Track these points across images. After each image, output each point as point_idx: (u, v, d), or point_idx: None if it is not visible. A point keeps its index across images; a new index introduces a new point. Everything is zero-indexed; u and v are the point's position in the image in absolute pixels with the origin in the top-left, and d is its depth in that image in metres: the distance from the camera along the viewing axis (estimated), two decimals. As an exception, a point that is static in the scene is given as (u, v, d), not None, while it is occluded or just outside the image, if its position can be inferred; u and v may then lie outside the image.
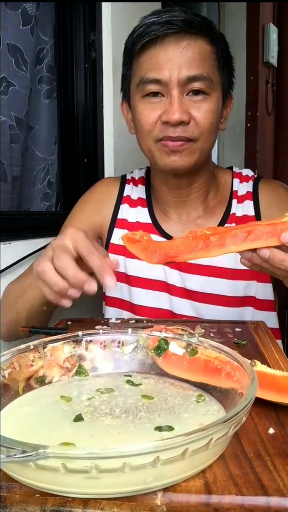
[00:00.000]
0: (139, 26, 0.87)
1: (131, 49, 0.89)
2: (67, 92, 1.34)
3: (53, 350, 0.56)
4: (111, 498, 0.36)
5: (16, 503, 0.36)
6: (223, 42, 0.91)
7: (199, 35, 0.86)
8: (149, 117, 0.87)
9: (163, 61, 0.84)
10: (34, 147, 1.30)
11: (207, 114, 0.86)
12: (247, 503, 0.36)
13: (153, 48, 0.85)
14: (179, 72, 0.83)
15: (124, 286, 1.01)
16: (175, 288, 0.96)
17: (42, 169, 1.33)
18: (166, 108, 0.85)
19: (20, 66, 1.18)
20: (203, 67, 0.85)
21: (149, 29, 0.85)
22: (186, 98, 0.85)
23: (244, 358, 0.48)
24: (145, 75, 0.86)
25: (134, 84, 0.89)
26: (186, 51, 0.84)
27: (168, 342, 0.57)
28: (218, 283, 0.95)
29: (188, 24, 0.84)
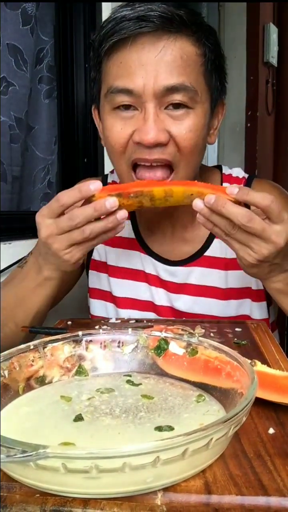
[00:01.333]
0: (108, 21, 0.72)
1: (98, 49, 0.74)
2: (67, 92, 1.34)
3: (53, 350, 0.56)
4: (111, 498, 0.36)
5: (16, 503, 0.36)
6: (212, 40, 0.75)
7: (181, 34, 0.71)
8: (119, 136, 0.73)
9: (135, 66, 0.70)
10: (34, 147, 1.30)
11: (190, 133, 0.72)
12: (247, 503, 0.36)
13: (123, 49, 0.71)
14: (155, 81, 0.69)
15: (109, 305, 0.96)
16: (162, 308, 0.92)
17: (42, 169, 1.33)
18: (139, 125, 0.71)
19: (20, 66, 1.18)
20: (186, 74, 0.71)
21: (119, 26, 0.69)
22: (164, 112, 0.72)
23: (244, 358, 0.48)
24: (113, 83, 0.72)
25: (103, 92, 0.76)
26: (164, 55, 0.69)
27: (168, 342, 0.57)
28: (207, 303, 0.90)
29: (168, 21, 0.69)
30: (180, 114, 0.72)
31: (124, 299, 0.95)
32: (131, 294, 0.94)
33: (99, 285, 0.98)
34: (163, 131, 0.71)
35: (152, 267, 0.93)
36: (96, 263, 0.97)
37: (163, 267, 0.91)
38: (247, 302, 0.90)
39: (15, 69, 1.17)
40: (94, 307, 0.99)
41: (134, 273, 0.94)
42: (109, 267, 0.95)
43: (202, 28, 0.74)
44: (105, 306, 0.97)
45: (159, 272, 0.92)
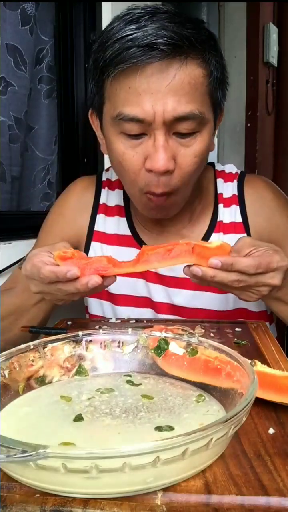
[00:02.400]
0: (113, 40, 0.69)
1: (103, 70, 0.72)
2: (67, 92, 1.34)
3: (53, 350, 0.56)
4: (111, 498, 0.36)
5: (16, 503, 0.36)
6: (217, 55, 0.75)
7: (189, 57, 0.70)
8: (132, 163, 0.74)
9: (144, 93, 0.69)
10: (34, 147, 1.30)
11: (195, 159, 0.75)
12: (247, 503, 0.36)
13: (131, 76, 0.69)
14: (165, 110, 0.69)
15: (106, 303, 0.96)
16: (160, 305, 0.92)
17: (42, 169, 1.33)
18: (149, 152, 0.72)
19: (19, 66, 1.18)
20: (194, 101, 0.71)
21: (127, 54, 0.67)
22: (173, 138, 0.72)
23: (244, 358, 0.48)
24: (122, 110, 0.71)
25: (109, 112, 0.75)
26: (174, 83, 0.69)
27: (168, 342, 0.57)
28: (206, 297, 0.90)
29: (177, 47, 0.68)
30: (188, 140, 0.73)
31: (121, 296, 0.95)
32: (128, 291, 0.94)
33: None
34: (171, 159, 0.72)
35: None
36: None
37: None
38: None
39: (14, 69, 1.17)
40: (90, 306, 0.99)
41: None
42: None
43: (207, 44, 0.73)
44: (101, 305, 0.97)
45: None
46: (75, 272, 0.62)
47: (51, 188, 1.37)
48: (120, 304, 0.95)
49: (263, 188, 0.93)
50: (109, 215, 0.96)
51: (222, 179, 0.94)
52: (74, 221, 0.96)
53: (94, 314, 0.99)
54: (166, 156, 0.71)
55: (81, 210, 0.97)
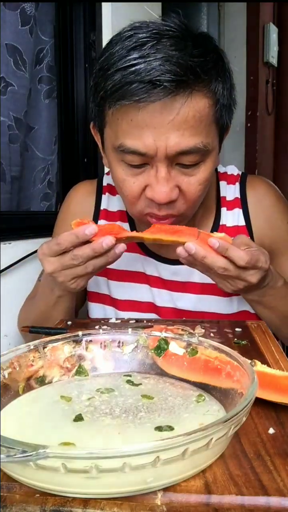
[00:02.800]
0: (115, 69, 0.65)
1: (103, 97, 0.70)
2: (67, 92, 1.34)
3: (53, 350, 0.56)
4: (111, 498, 0.36)
5: (16, 503, 0.36)
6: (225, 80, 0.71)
7: (195, 90, 0.66)
8: (132, 189, 0.73)
9: (147, 127, 0.67)
10: (34, 147, 1.30)
11: (199, 186, 0.73)
12: (247, 503, 0.36)
13: (134, 110, 0.66)
14: (167, 145, 0.67)
15: (108, 308, 0.97)
16: (164, 309, 0.92)
17: (42, 169, 1.33)
18: (151, 181, 0.71)
19: (19, 66, 1.18)
20: (198, 134, 0.69)
21: (128, 88, 0.64)
22: (175, 168, 0.71)
23: (244, 358, 0.48)
24: (124, 142, 0.69)
25: (110, 137, 0.73)
26: (178, 118, 0.66)
27: (168, 342, 0.57)
28: (210, 300, 0.91)
29: (182, 83, 0.64)
30: (191, 170, 0.72)
31: (124, 302, 0.95)
32: (132, 297, 0.94)
33: (97, 289, 0.98)
34: (174, 189, 0.72)
35: (154, 268, 0.93)
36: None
37: (165, 267, 0.92)
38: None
39: (14, 69, 1.17)
40: (92, 311, 1.00)
41: (134, 275, 0.94)
42: (108, 270, 0.95)
43: (215, 71, 0.69)
44: (104, 309, 0.97)
45: (161, 273, 0.92)
46: (93, 228, 0.66)
47: (51, 188, 1.37)
48: (123, 310, 0.95)
49: (264, 190, 0.93)
50: (110, 220, 0.96)
51: (225, 182, 0.94)
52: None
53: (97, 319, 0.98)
54: (168, 188, 0.70)
55: (82, 216, 0.96)
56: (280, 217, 0.92)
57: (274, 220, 0.91)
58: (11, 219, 1.16)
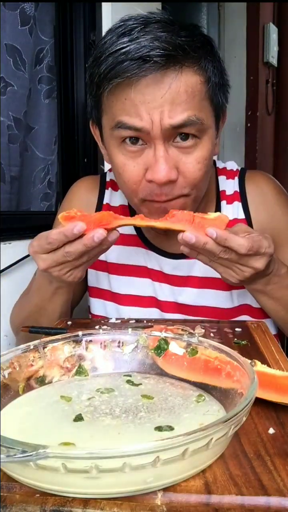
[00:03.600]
0: (107, 55, 0.68)
1: (98, 85, 0.72)
2: (67, 92, 1.34)
3: (53, 350, 0.56)
4: (111, 498, 0.36)
5: (16, 503, 0.36)
6: (214, 60, 0.74)
7: (184, 66, 0.69)
8: (133, 174, 0.74)
9: (140, 104, 0.69)
10: (34, 147, 1.30)
11: (199, 165, 0.74)
12: (247, 503, 0.36)
13: (127, 88, 0.69)
14: (162, 118, 0.69)
15: (109, 303, 0.97)
16: (166, 304, 0.92)
17: (42, 169, 1.33)
18: (150, 162, 0.72)
19: (19, 66, 1.18)
20: (191, 108, 0.70)
21: (120, 68, 0.67)
22: (173, 146, 0.72)
23: (244, 358, 0.48)
24: (120, 119, 0.71)
25: (107, 124, 0.75)
26: (169, 93, 0.68)
27: (168, 342, 0.57)
28: (210, 295, 0.91)
29: (172, 58, 0.67)
30: (188, 145, 0.73)
31: (126, 296, 0.95)
32: (134, 291, 0.94)
33: (97, 284, 0.98)
34: (173, 169, 0.72)
35: (156, 262, 0.93)
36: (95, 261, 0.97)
37: (167, 261, 0.92)
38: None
39: (13, 69, 1.17)
40: (93, 306, 0.99)
41: (136, 269, 0.94)
42: (109, 264, 0.95)
43: (203, 51, 0.72)
44: (104, 305, 0.97)
45: (163, 267, 0.92)
46: (81, 226, 0.64)
47: (51, 188, 1.37)
48: (125, 304, 0.95)
49: (264, 183, 0.94)
50: None
51: (224, 176, 0.95)
52: None
53: (97, 315, 0.99)
54: (167, 167, 0.71)
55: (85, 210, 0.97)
56: (281, 208, 0.92)
57: (274, 212, 0.92)
58: (11, 219, 1.16)
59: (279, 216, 0.92)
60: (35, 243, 0.70)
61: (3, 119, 1.16)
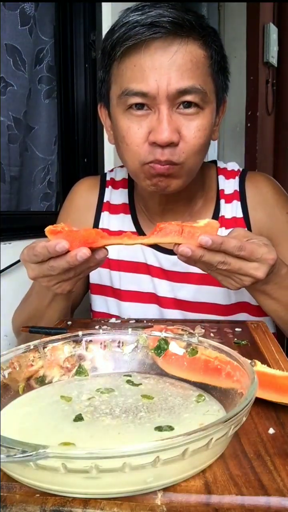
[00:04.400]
0: (120, 25, 0.75)
1: (110, 53, 0.77)
2: (67, 92, 1.34)
3: (53, 350, 0.56)
4: (111, 498, 0.36)
5: (16, 503, 0.36)
6: (217, 42, 0.80)
7: (190, 38, 0.75)
8: (136, 136, 0.77)
9: (149, 69, 0.74)
10: (34, 147, 1.30)
11: (199, 132, 0.77)
12: (247, 503, 0.36)
13: (137, 54, 0.74)
14: (168, 83, 0.73)
15: (110, 299, 0.97)
16: (165, 300, 0.93)
17: (42, 169, 1.33)
18: (153, 125, 0.75)
19: (18, 66, 1.18)
20: (196, 77, 0.75)
21: (132, 31, 0.73)
22: (176, 112, 0.76)
23: (244, 358, 0.48)
24: (128, 86, 0.75)
25: (115, 93, 0.79)
26: (176, 59, 0.73)
27: (168, 342, 0.57)
28: (209, 291, 0.91)
29: (179, 26, 0.73)
30: (190, 113, 0.76)
31: (127, 292, 0.95)
32: (134, 287, 0.95)
33: (99, 281, 0.99)
34: (175, 132, 0.75)
35: (155, 259, 0.93)
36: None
37: (166, 257, 0.92)
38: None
39: (13, 69, 1.17)
40: (94, 303, 1.00)
41: (136, 265, 0.95)
42: (111, 261, 0.96)
43: (208, 31, 0.77)
44: (106, 301, 0.98)
45: (162, 263, 0.93)
46: (63, 245, 0.64)
47: (51, 188, 1.37)
48: (125, 300, 0.96)
49: (264, 184, 0.95)
50: (113, 212, 0.98)
51: (223, 176, 0.96)
52: (79, 220, 0.98)
53: (98, 311, 0.99)
54: (169, 128, 0.74)
55: (86, 209, 0.99)
56: (279, 208, 0.93)
57: (272, 211, 0.93)
58: (11, 219, 1.16)
59: (277, 215, 0.93)
60: (25, 251, 0.70)
61: (3, 119, 1.16)
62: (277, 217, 0.93)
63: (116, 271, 0.96)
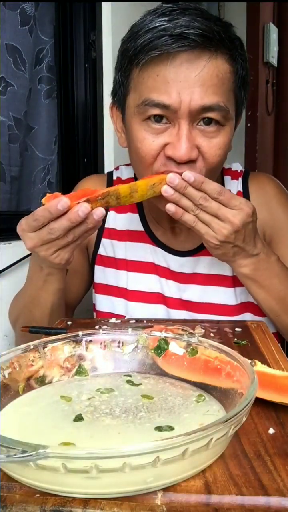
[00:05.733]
0: (145, 30, 0.71)
1: (132, 58, 0.74)
2: (67, 92, 1.34)
3: (53, 350, 0.56)
4: (111, 498, 0.36)
5: (16, 503, 0.36)
6: (243, 56, 0.77)
7: (219, 52, 0.71)
8: (151, 148, 0.74)
9: (172, 82, 0.70)
10: (34, 147, 1.30)
11: (219, 151, 0.75)
12: (247, 503, 0.36)
13: (161, 64, 0.71)
14: (192, 98, 0.70)
15: (117, 299, 0.97)
16: (172, 300, 0.93)
17: (42, 169, 1.33)
18: (172, 139, 0.73)
19: (19, 66, 1.18)
20: (220, 93, 0.72)
21: (159, 41, 0.69)
22: (196, 128, 0.73)
23: (244, 358, 0.48)
24: (149, 96, 0.72)
25: (133, 101, 0.76)
26: (202, 73, 0.70)
27: (168, 342, 0.57)
28: (214, 292, 0.91)
29: (207, 39, 0.69)
30: (211, 131, 0.74)
31: (134, 292, 0.95)
32: (141, 287, 0.95)
33: (104, 280, 0.98)
34: (194, 149, 0.73)
35: (162, 259, 0.94)
36: (102, 258, 0.97)
37: (173, 258, 0.93)
38: None
39: (13, 69, 1.17)
40: (99, 303, 0.99)
41: (144, 265, 0.95)
42: (118, 261, 0.96)
43: (235, 44, 0.75)
44: (111, 301, 0.97)
45: (170, 264, 0.93)
46: (65, 201, 0.64)
47: (51, 188, 1.36)
48: (133, 300, 0.95)
49: (267, 184, 0.96)
50: (119, 212, 0.97)
51: (229, 177, 0.96)
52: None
53: (103, 311, 0.98)
54: (189, 145, 0.72)
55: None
56: (281, 208, 0.94)
57: (275, 211, 0.93)
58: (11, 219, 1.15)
59: (279, 215, 0.93)
60: (23, 221, 0.70)
61: (3, 119, 1.16)
62: (280, 217, 0.93)
63: (123, 270, 0.96)
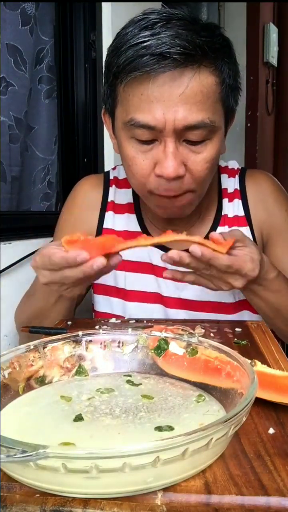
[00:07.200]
0: (127, 46, 0.70)
1: (115, 74, 0.73)
2: (67, 92, 1.34)
3: (53, 350, 0.56)
4: (111, 498, 0.36)
5: (16, 503, 0.36)
6: (231, 61, 0.76)
7: (202, 66, 0.70)
8: (142, 167, 0.76)
9: (156, 101, 0.70)
10: (34, 147, 1.30)
11: (206, 164, 0.76)
12: (247, 503, 0.36)
13: (144, 83, 0.70)
14: (176, 118, 0.70)
15: (115, 299, 0.97)
16: (169, 299, 0.93)
17: (42, 169, 1.33)
18: (159, 158, 0.73)
19: (19, 66, 1.18)
20: (205, 109, 0.72)
21: (140, 61, 0.68)
22: (183, 144, 0.74)
23: (244, 358, 0.48)
24: (134, 117, 0.72)
25: (121, 114, 0.76)
26: (186, 91, 0.70)
27: (168, 342, 0.57)
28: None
29: (190, 56, 0.68)
30: (198, 147, 0.74)
31: (132, 292, 0.95)
32: (139, 287, 0.95)
33: (103, 281, 0.98)
34: (181, 165, 0.73)
35: (159, 259, 0.93)
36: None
37: None
38: None
39: (14, 69, 1.17)
40: (98, 303, 1.00)
41: (141, 265, 0.95)
42: None
43: (221, 52, 0.73)
44: (109, 301, 0.98)
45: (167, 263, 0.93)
46: (84, 256, 0.63)
47: (51, 188, 1.37)
48: (131, 300, 0.95)
49: (264, 181, 0.96)
50: (117, 212, 0.97)
51: (226, 175, 0.96)
52: (83, 219, 0.97)
53: (102, 312, 0.98)
54: (176, 163, 0.72)
55: (90, 208, 0.97)
56: (278, 206, 0.94)
57: (271, 208, 0.94)
58: (11, 219, 1.16)
59: (276, 213, 0.94)
60: (38, 259, 0.69)
61: (3, 119, 1.16)
62: (276, 215, 0.94)
63: (121, 271, 0.96)
